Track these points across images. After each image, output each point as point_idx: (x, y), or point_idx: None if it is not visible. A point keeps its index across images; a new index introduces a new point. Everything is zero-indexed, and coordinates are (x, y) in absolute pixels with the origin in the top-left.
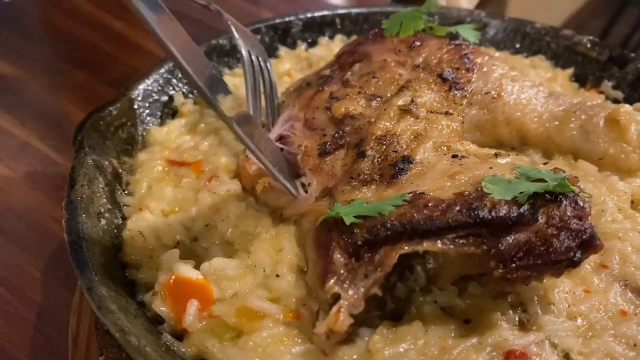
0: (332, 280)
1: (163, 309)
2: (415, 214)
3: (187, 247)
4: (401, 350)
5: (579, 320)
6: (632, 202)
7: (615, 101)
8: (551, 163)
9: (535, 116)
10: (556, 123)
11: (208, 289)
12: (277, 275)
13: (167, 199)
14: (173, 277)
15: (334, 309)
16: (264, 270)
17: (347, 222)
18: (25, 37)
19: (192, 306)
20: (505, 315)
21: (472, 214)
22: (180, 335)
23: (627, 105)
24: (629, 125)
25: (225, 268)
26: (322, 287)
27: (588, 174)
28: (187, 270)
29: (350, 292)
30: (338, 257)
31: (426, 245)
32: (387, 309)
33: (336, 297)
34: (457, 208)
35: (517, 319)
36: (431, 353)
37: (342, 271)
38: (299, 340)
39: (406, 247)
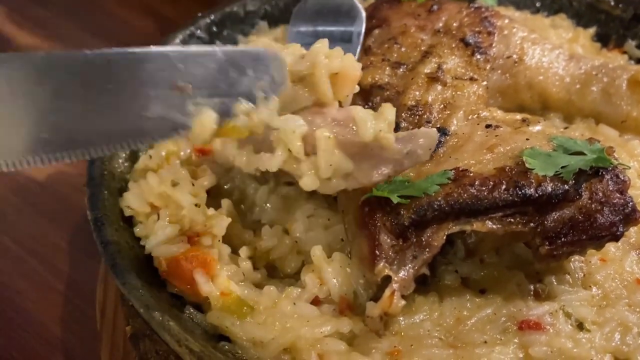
0: (382, 263)
1: (175, 290)
2: (462, 194)
3: None
4: (417, 320)
5: (594, 290)
6: None
7: (639, 61)
8: (572, 127)
9: (556, 80)
10: (578, 86)
11: (201, 254)
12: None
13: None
14: (164, 262)
15: (387, 292)
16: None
17: (394, 202)
18: (39, 5)
19: (200, 276)
20: (521, 285)
21: (520, 192)
22: (202, 306)
23: None
24: None
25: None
26: (370, 269)
27: (609, 138)
28: (169, 250)
29: (401, 274)
30: (385, 238)
31: (475, 225)
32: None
33: (386, 279)
34: (504, 187)
35: (532, 288)
36: (446, 324)
37: (390, 253)
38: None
39: (453, 227)
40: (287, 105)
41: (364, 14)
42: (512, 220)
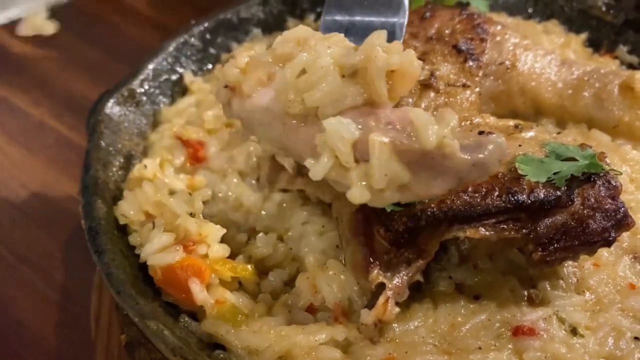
0: (376, 270)
1: (170, 299)
2: (455, 200)
3: None
4: (411, 327)
5: (587, 295)
6: None
7: (630, 66)
8: (564, 132)
9: (549, 85)
10: (570, 92)
11: (196, 263)
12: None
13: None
14: (159, 271)
15: (381, 299)
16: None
17: (388, 210)
18: None
19: (195, 285)
20: (515, 290)
21: (512, 199)
22: (197, 315)
23: None
24: None
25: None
26: (364, 276)
27: (601, 143)
28: (165, 259)
29: (395, 281)
30: (379, 245)
31: (469, 232)
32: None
33: (380, 286)
34: (497, 193)
35: (526, 294)
36: (441, 330)
37: (384, 260)
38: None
39: (447, 234)
40: (333, 103)
41: (407, 2)
42: (505, 226)
